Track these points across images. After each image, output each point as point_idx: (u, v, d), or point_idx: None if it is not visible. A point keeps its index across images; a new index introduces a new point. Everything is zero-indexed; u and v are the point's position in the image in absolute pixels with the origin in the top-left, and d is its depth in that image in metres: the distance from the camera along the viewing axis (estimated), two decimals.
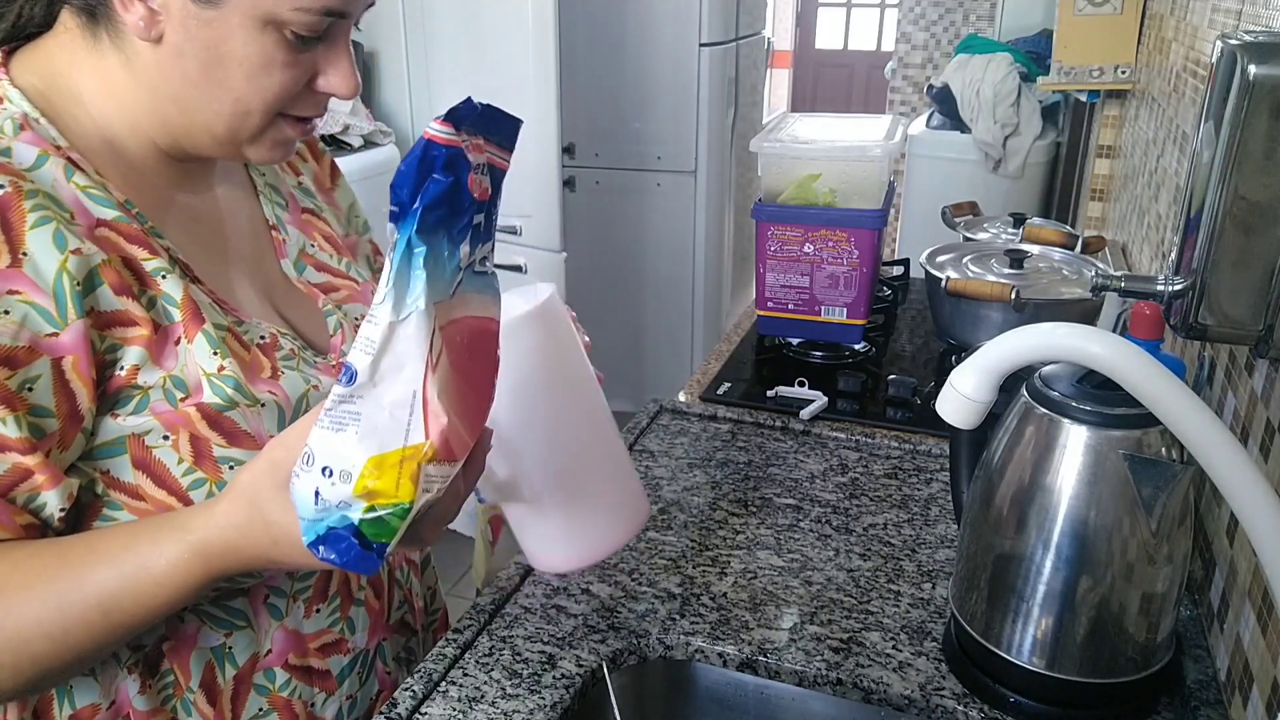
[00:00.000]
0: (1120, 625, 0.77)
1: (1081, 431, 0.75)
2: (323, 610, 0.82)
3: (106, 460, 0.68)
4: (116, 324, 0.67)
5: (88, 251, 0.65)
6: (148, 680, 0.74)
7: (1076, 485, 0.75)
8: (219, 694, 0.77)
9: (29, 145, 0.66)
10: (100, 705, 0.73)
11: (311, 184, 0.91)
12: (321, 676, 0.82)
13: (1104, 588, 0.76)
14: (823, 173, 1.52)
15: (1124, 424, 0.74)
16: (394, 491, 0.54)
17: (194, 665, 0.75)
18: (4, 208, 0.62)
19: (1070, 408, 0.76)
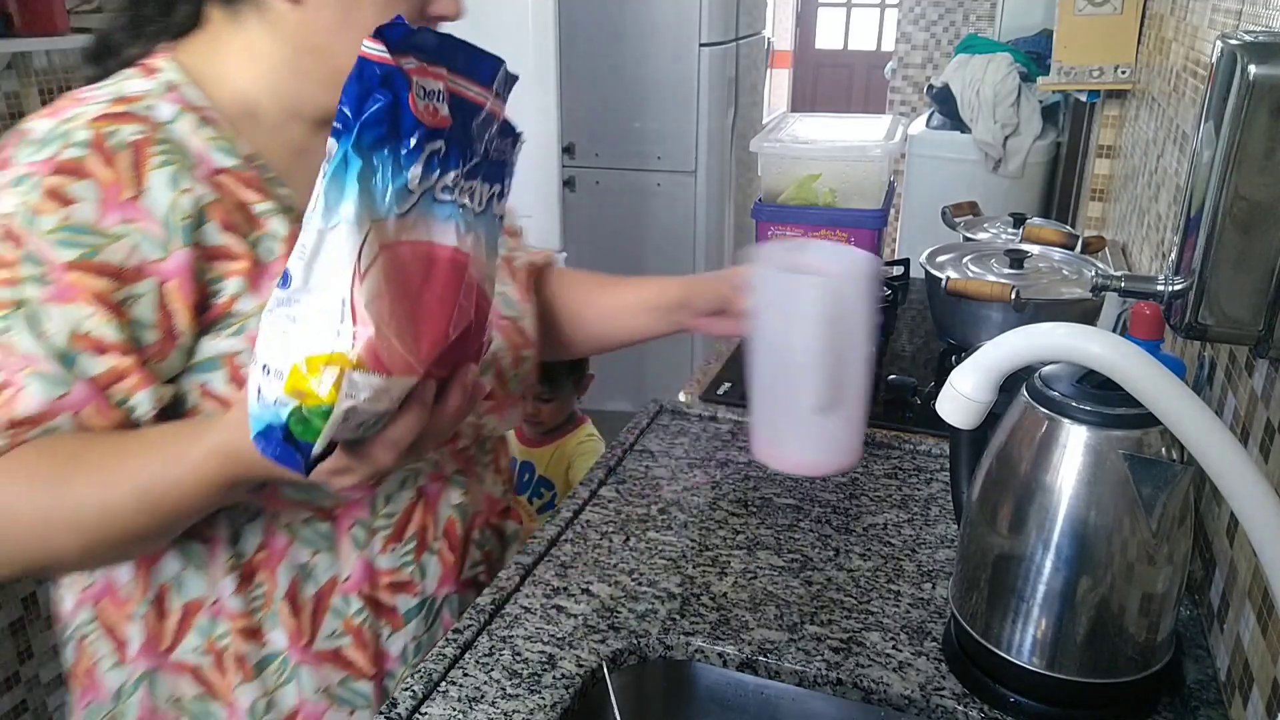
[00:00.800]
0: (1120, 625, 0.77)
1: (1081, 431, 0.75)
2: (397, 550, 0.89)
3: (206, 375, 0.77)
4: (220, 257, 0.77)
5: (199, 192, 0.76)
6: (243, 585, 0.83)
7: (1076, 485, 0.75)
8: (300, 609, 0.85)
9: (169, 104, 0.78)
10: (205, 599, 0.83)
11: None
12: (390, 612, 0.90)
13: (1104, 588, 0.76)
14: (823, 173, 1.52)
15: (1124, 424, 0.74)
16: (316, 392, 0.56)
17: (282, 577, 0.84)
18: (136, 150, 0.74)
19: (1070, 408, 0.76)
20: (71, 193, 0.72)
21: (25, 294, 0.71)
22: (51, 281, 0.71)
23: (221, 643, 0.84)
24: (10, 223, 0.71)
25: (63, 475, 0.71)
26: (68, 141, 0.73)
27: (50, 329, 0.71)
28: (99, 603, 0.85)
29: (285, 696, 0.86)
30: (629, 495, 1.15)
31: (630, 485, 1.17)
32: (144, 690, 0.85)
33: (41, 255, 0.71)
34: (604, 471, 1.19)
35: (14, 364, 0.70)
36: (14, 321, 0.70)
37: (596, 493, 1.15)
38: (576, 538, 1.06)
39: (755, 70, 3.49)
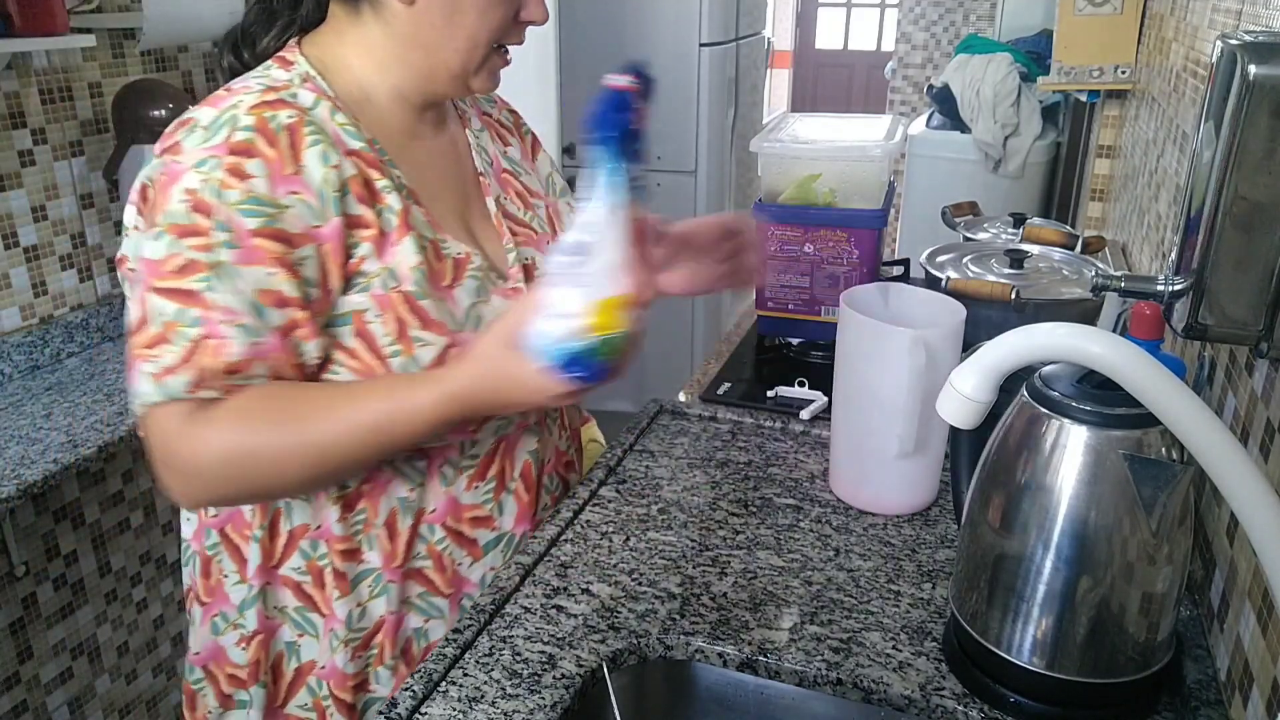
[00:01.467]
0: (1120, 625, 0.77)
1: (1081, 431, 0.75)
2: (480, 487, 1.00)
3: (338, 329, 0.89)
4: (358, 225, 0.89)
5: (343, 168, 0.88)
6: (345, 513, 0.96)
7: (1076, 485, 0.75)
8: (397, 535, 0.97)
9: (309, 92, 0.90)
10: (310, 525, 0.96)
11: (518, 154, 1.14)
12: (470, 543, 1.01)
13: (1104, 588, 0.76)
14: (823, 173, 1.52)
15: (1124, 424, 0.74)
16: (614, 323, 0.79)
17: (382, 507, 0.96)
18: (292, 131, 0.86)
19: (1070, 408, 0.76)
20: (248, 169, 0.83)
21: (220, 257, 0.82)
22: (240, 246, 0.82)
23: (321, 562, 0.97)
24: (198, 197, 0.82)
25: (298, 416, 0.85)
26: (235, 126, 0.84)
27: (243, 286, 0.82)
28: (223, 528, 0.98)
29: (376, 607, 0.98)
30: (629, 495, 1.15)
31: (630, 485, 1.17)
32: (259, 604, 0.98)
33: (231, 223, 0.82)
34: (604, 471, 1.19)
35: (217, 317, 0.82)
36: (214, 281, 0.82)
37: (596, 493, 1.15)
38: (576, 538, 1.06)
39: (755, 70, 3.49)
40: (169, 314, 0.82)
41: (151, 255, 0.83)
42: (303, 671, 1.00)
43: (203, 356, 0.82)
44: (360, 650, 0.99)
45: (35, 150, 1.89)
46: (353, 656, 0.99)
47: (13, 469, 1.51)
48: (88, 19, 1.91)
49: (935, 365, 1.00)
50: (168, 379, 0.82)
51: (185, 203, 0.82)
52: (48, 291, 1.95)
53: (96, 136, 2.01)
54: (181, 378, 0.82)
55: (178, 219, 0.82)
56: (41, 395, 1.79)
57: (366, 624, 0.99)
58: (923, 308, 1.12)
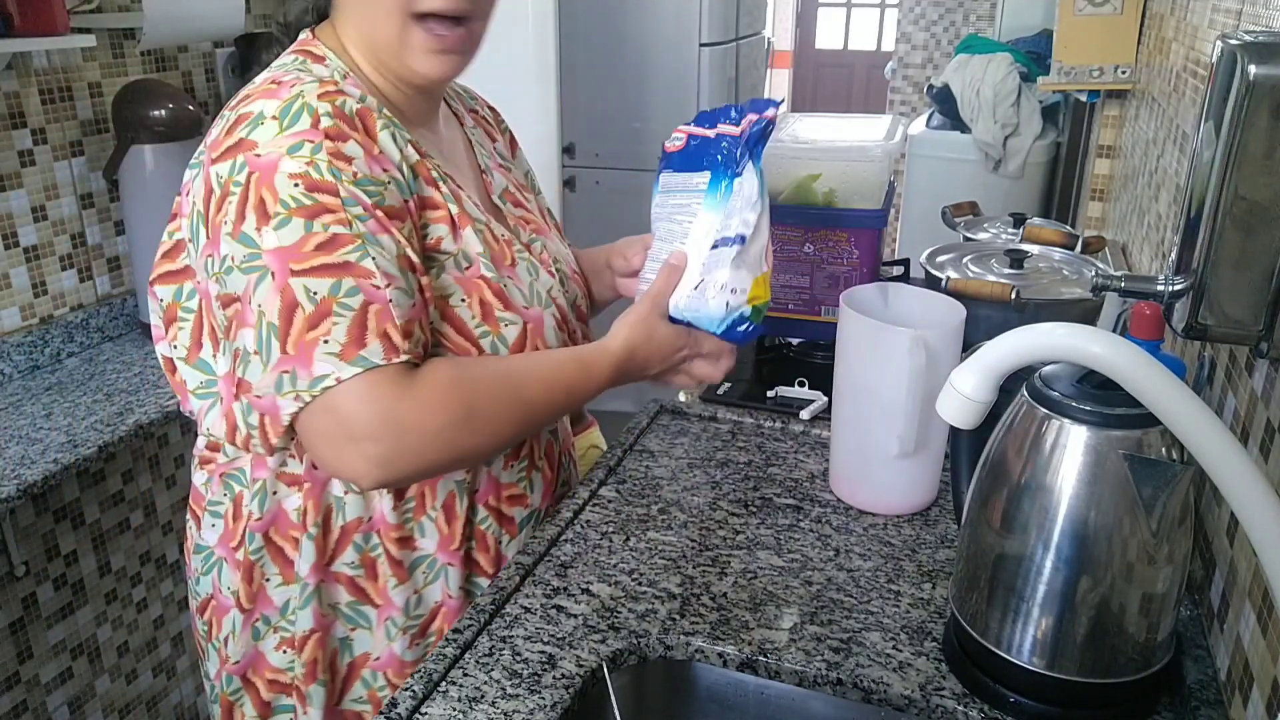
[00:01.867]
0: (1120, 625, 0.77)
1: (1081, 431, 0.75)
2: (514, 466, 1.04)
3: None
4: (430, 206, 0.92)
5: (409, 151, 0.91)
6: (397, 502, 0.97)
7: (1076, 485, 0.75)
8: (455, 518, 1.00)
9: (353, 86, 0.91)
10: (363, 518, 0.97)
11: (505, 150, 1.17)
12: (508, 521, 1.05)
13: (1104, 588, 0.76)
14: (823, 173, 1.52)
15: (1124, 424, 0.74)
16: (765, 294, 1.02)
17: (440, 491, 0.99)
18: (364, 116, 0.88)
19: (1070, 408, 0.76)
20: (347, 150, 0.84)
21: (360, 228, 0.83)
22: (370, 216, 0.84)
23: (374, 553, 0.98)
24: (311, 178, 0.82)
25: (509, 377, 0.92)
26: (317, 111, 0.84)
27: (386, 253, 0.84)
28: (267, 531, 0.98)
29: (432, 593, 1.00)
30: (629, 495, 1.15)
31: (630, 485, 1.17)
32: (315, 602, 0.98)
33: (356, 198, 0.83)
34: (604, 471, 1.19)
35: (374, 283, 0.82)
36: (364, 248, 0.83)
37: (596, 493, 1.15)
38: (576, 538, 1.06)
39: (755, 70, 3.49)
40: (324, 290, 0.81)
41: (283, 242, 0.81)
42: (356, 665, 1.02)
43: (377, 322, 0.82)
44: (418, 638, 1.01)
45: (35, 150, 1.89)
46: (410, 644, 1.00)
47: (13, 469, 1.51)
48: (88, 19, 1.91)
49: (935, 365, 1.00)
50: (358, 353, 0.81)
51: (298, 186, 0.81)
52: (48, 291, 1.95)
53: (96, 136, 2.01)
54: (372, 348, 0.81)
55: (299, 202, 0.81)
56: (41, 395, 1.79)
57: (423, 611, 1.01)
58: (922, 308, 1.12)
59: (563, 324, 1.03)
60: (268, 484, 0.96)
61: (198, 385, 0.94)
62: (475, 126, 1.12)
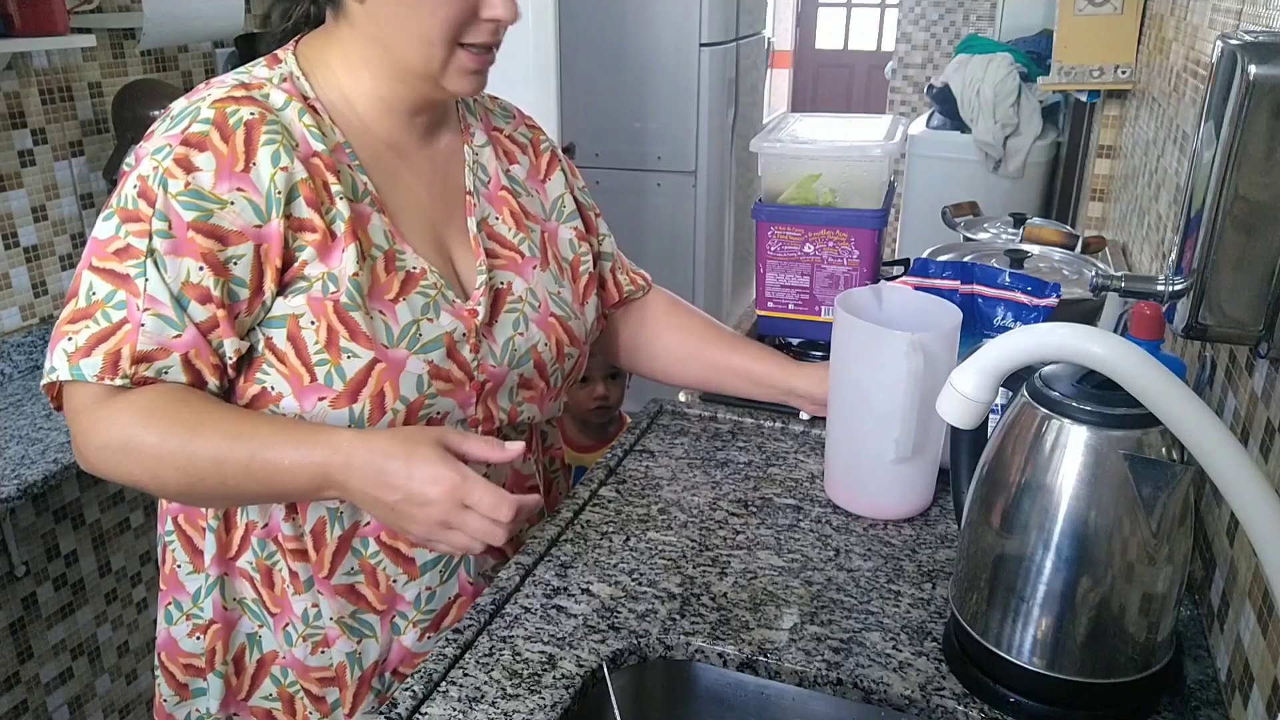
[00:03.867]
0: (1120, 625, 0.77)
1: (1081, 431, 0.75)
2: None
3: (273, 329, 0.89)
4: (303, 229, 0.89)
5: (293, 170, 0.88)
6: (291, 514, 0.96)
7: (1076, 485, 0.75)
8: (324, 545, 0.96)
9: (281, 93, 0.91)
10: (258, 523, 0.96)
11: (523, 174, 1.11)
12: (407, 561, 0.99)
13: (1104, 588, 0.76)
14: (823, 173, 1.52)
15: (1124, 424, 0.74)
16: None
17: (311, 515, 0.96)
18: (249, 128, 0.87)
19: (1070, 408, 0.76)
20: (196, 162, 0.85)
21: (155, 245, 0.84)
22: (175, 236, 0.84)
23: (269, 561, 0.97)
24: (146, 184, 0.85)
25: (189, 427, 0.84)
26: (195, 118, 0.86)
27: (171, 277, 0.84)
28: (178, 517, 0.99)
29: (326, 609, 0.98)
30: (629, 495, 1.15)
31: (630, 485, 1.17)
32: (216, 593, 0.98)
33: (169, 213, 0.84)
34: (604, 471, 1.19)
35: (140, 304, 0.83)
36: (147, 268, 0.83)
37: (596, 493, 1.15)
38: (576, 538, 1.06)
39: (755, 70, 3.49)
40: (99, 294, 0.84)
41: (99, 235, 0.86)
42: (265, 662, 1.01)
43: (117, 341, 0.84)
44: (321, 646, 0.99)
45: (35, 150, 1.89)
46: (313, 651, 0.99)
47: (13, 469, 1.51)
48: (88, 19, 1.91)
49: (933, 368, 1.00)
50: (81, 361, 0.84)
51: (135, 188, 0.85)
52: (48, 291, 1.95)
53: (96, 136, 2.01)
54: (93, 361, 0.84)
55: (126, 204, 0.85)
56: (41, 395, 1.79)
57: (322, 624, 0.98)
58: (917, 309, 1.12)
59: (440, 374, 0.93)
60: None
61: None
62: (487, 144, 1.07)
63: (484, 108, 1.11)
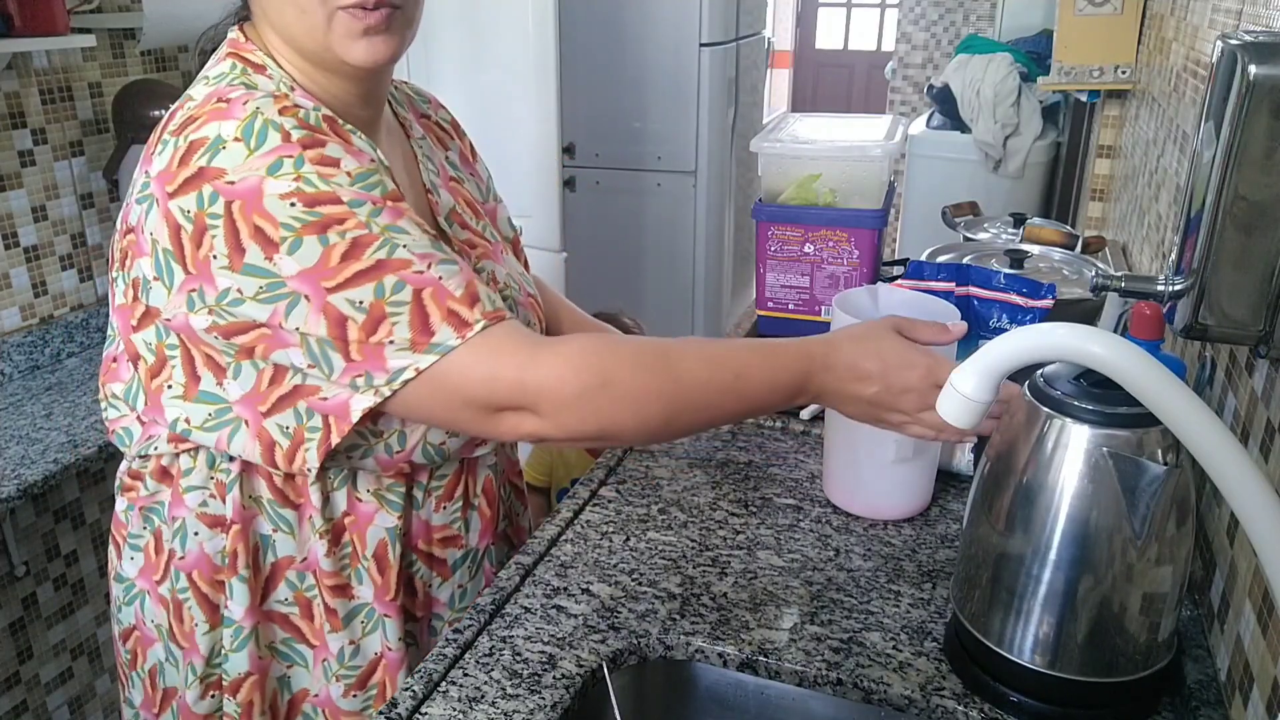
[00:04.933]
0: (1121, 625, 0.77)
1: (1083, 430, 0.75)
2: (448, 508, 0.98)
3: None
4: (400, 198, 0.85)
5: (378, 152, 0.86)
6: (333, 547, 0.92)
7: (1077, 485, 0.75)
8: (388, 567, 0.94)
9: (304, 99, 0.84)
10: (295, 558, 0.93)
11: (458, 159, 1.08)
12: (440, 564, 1.00)
13: (1105, 588, 0.76)
14: (823, 173, 1.52)
15: (1125, 423, 0.74)
16: None
17: (370, 538, 0.93)
18: (330, 122, 0.83)
19: (1072, 406, 0.76)
20: (330, 154, 0.79)
21: (377, 224, 0.78)
22: (383, 209, 0.79)
23: (309, 594, 0.94)
24: (305, 193, 0.76)
25: (663, 356, 0.82)
26: (283, 126, 0.78)
27: (412, 235, 0.79)
28: (192, 573, 0.93)
29: (371, 643, 0.96)
30: (629, 495, 1.15)
31: (630, 485, 1.17)
32: (251, 644, 0.93)
33: (359, 197, 0.78)
34: (604, 471, 1.19)
35: (413, 270, 0.78)
36: (386, 244, 0.77)
37: (596, 493, 1.15)
38: (576, 538, 1.06)
39: (755, 70, 3.49)
40: (368, 296, 0.76)
41: (304, 265, 0.76)
42: (296, 702, 0.98)
43: (436, 305, 0.78)
44: (356, 689, 0.96)
45: (35, 150, 1.89)
46: (346, 693, 0.96)
47: (13, 469, 1.51)
48: (88, 19, 1.91)
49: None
50: (429, 341, 0.77)
51: (295, 205, 0.76)
52: (48, 291, 1.95)
53: (96, 136, 2.01)
54: (442, 332, 0.77)
55: (303, 220, 0.76)
56: (41, 395, 1.79)
57: (361, 662, 0.96)
58: (915, 308, 1.11)
59: None
60: (187, 523, 0.92)
61: (205, 419, 0.85)
62: (424, 136, 1.03)
63: (406, 96, 1.06)
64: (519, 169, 2.65)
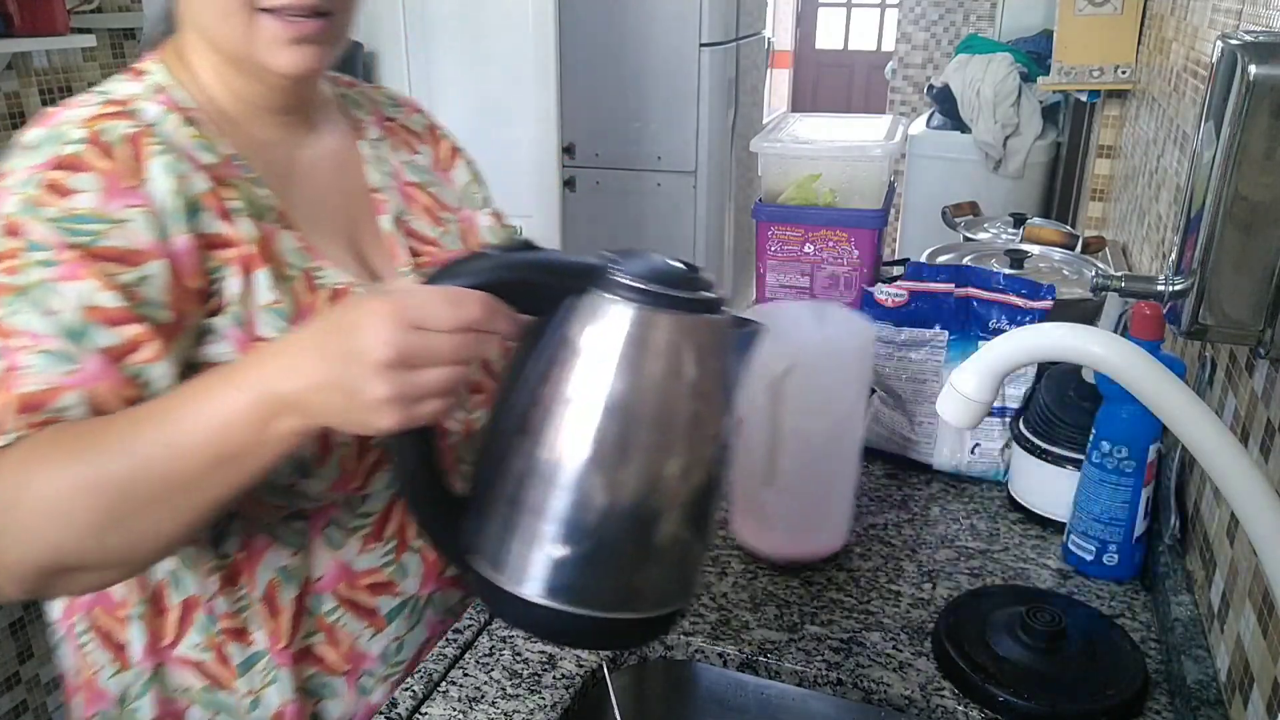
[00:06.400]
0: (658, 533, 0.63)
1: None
2: (376, 550, 0.88)
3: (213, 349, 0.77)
4: (217, 246, 0.77)
5: (193, 180, 0.77)
6: (228, 586, 0.83)
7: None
8: (279, 610, 0.84)
9: (156, 105, 0.80)
10: (201, 597, 0.83)
11: (428, 163, 1.01)
12: (369, 613, 0.89)
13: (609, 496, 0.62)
14: (823, 173, 1.52)
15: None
16: None
17: (260, 579, 0.83)
18: (133, 142, 0.76)
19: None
20: (72, 184, 0.73)
21: (30, 278, 0.70)
22: (59, 262, 0.71)
23: (219, 639, 0.84)
24: (12, 219, 0.72)
25: (83, 445, 0.66)
26: (64, 140, 0.75)
27: (59, 305, 0.70)
28: (92, 610, 0.85)
29: (269, 697, 0.85)
30: None
31: None
32: (155, 688, 0.85)
33: (45, 241, 0.71)
34: None
35: (15, 344, 0.69)
36: (18, 305, 0.70)
37: None
38: None
39: (755, 70, 3.49)
40: None
41: None
42: None
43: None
44: None
45: None
46: None
47: None
48: (88, 19, 1.91)
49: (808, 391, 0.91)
50: None
51: (1, 226, 0.72)
52: None
53: None
54: None
55: None
56: None
57: (263, 715, 0.86)
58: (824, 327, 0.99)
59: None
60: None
61: None
62: (383, 138, 0.97)
63: (370, 99, 1.00)
64: (519, 169, 2.65)
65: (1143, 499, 0.96)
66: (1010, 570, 1.00)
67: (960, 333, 1.13)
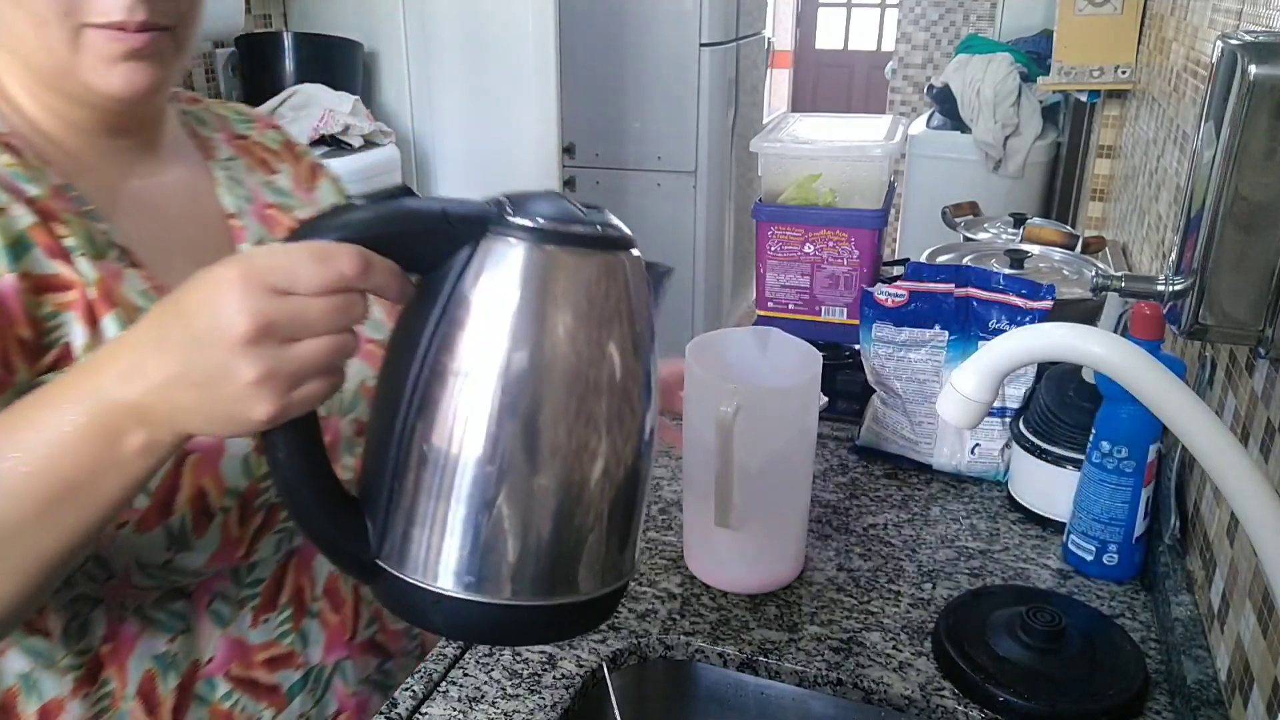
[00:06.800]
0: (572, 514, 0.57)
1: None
2: (271, 620, 0.80)
3: None
4: (51, 288, 0.66)
5: (14, 214, 0.66)
6: (87, 687, 0.72)
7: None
8: (158, 704, 0.74)
9: None
10: (64, 700, 0.72)
11: (289, 183, 0.90)
12: (269, 691, 0.80)
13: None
14: (823, 173, 1.52)
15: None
16: None
17: (132, 671, 0.73)
18: None
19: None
20: None
21: None
22: None
23: None
24: None
25: None
26: None
27: None
28: None
29: None
30: None
31: None
32: None
33: None
34: None
35: None
36: None
37: None
38: None
39: (755, 70, 3.49)
40: None
41: None
42: None
43: None
44: None
45: None
46: None
47: None
48: None
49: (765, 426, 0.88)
50: None
51: None
52: None
53: None
54: None
55: None
56: None
57: None
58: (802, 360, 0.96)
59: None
60: None
61: None
62: (235, 158, 0.87)
63: (218, 116, 0.90)
64: (519, 169, 2.66)
65: (1143, 499, 0.96)
66: (1010, 570, 1.00)
67: (960, 333, 1.13)
